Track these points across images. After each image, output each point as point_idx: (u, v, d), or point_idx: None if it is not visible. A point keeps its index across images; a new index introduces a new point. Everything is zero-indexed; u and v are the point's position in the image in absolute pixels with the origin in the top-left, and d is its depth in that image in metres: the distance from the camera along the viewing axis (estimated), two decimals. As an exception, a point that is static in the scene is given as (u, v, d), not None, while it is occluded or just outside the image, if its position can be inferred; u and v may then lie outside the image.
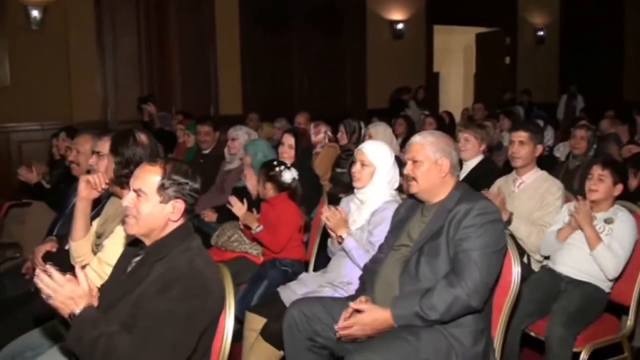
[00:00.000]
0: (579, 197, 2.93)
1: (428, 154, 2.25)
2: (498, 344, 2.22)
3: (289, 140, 4.07)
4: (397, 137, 5.57)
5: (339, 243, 2.76)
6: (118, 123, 7.42)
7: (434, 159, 2.24)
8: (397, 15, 9.96)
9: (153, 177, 1.81)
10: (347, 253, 2.71)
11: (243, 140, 4.47)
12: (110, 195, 2.54)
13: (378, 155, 2.75)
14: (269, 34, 8.77)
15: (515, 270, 2.20)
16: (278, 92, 8.88)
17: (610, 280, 2.79)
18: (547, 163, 3.91)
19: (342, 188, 4.20)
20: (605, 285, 2.80)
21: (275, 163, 3.33)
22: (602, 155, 4.37)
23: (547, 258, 3.07)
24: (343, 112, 7.92)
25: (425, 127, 6.08)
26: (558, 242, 2.92)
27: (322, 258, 3.24)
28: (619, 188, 2.88)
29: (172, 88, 8.12)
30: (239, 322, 2.75)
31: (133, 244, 1.98)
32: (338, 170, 4.62)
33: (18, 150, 7.15)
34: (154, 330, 1.63)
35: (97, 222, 2.52)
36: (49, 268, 1.67)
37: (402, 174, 2.92)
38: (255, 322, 2.76)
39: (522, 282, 2.25)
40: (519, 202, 3.20)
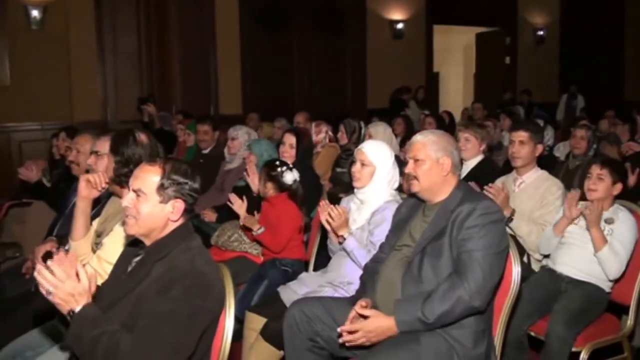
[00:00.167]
0: (577, 189, 2.93)
1: (429, 153, 2.24)
2: (498, 344, 2.22)
3: (290, 140, 4.07)
4: (395, 136, 5.56)
5: (340, 243, 2.76)
6: (118, 123, 7.43)
7: (436, 158, 2.23)
8: (397, 15, 9.96)
9: (152, 177, 1.81)
10: (348, 253, 2.71)
11: (243, 140, 4.47)
12: (111, 195, 2.55)
13: (378, 155, 2.74)
14: (269, 34, 8.78)
15: (516, 270, 2.20)
16: (278, 91, 8.88)
17: (611, 281, 2.79)
18: (547, 163, 3.91)
19: (342, 188, 4.20)
20: (606, 285, 2.80)
21: (278, 163, 3.31)
22: (601, 155, 4.37)
23: (546, 257, 3.07)
24: (343, 111, 7.91)
25: (425, 127, 6.07)
26: (555, 235, 2.92)
27: (322, 258, 3.24)
28: (618, 187, 2.88)
29: (172, 88, 8.12)
30: (239, 321, 2.75)
31: (133, 244, 1.98)
32: (338, 170, 4.61)
33: (18, 150, 7.16)
34: (155, 330, 1.63)
35: (97, 221, 2.52)
36: (51, 264, 1.67)
37: (401, 174, 2.93)
38: (255, 321, 2.76)
39: (522, 282, 2.25)
40: (520, 201, 3.20)
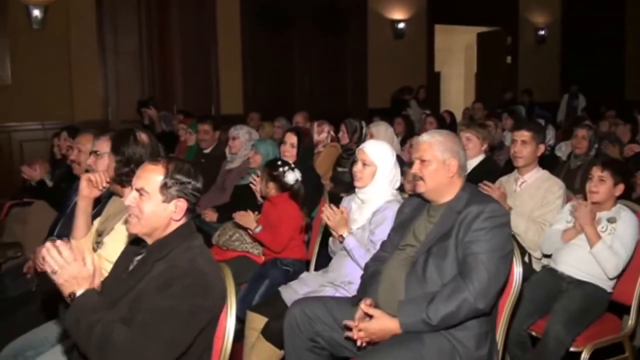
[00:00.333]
0: (579, 196, 2.93)
1: (436, 154, 2.22)
2: (500, 344, 2.21)
3: (292, 140, 4.06)
4: (396, 136, 5.55)
5: (340, 242, 2.76)
6: (119, 122, 7.43)
7: (442, 159, 2.21)
8: (398, 15, 9.95)
9: (155, 176, 1.81)
10: (348, 252, 2.72)
11: (244, 140, 4.47)
12: (112, 195, 2.55)
13: (379, 155, 2.74)
14: (270, 33, 8.77)
15: (517, 271, 2.20)
16: (279, 91, 8.87)
17: (612, 280, 2.78)
18: (548, 162, 3.91)
19: (343, 187, 4.18)
20: (607, 285, 2.79)
21: (280, 163, 3.31)
22: (602, 155, 4.37)
23: (547, 257, 3.07)
24: (344, 111, 7.91)
25: (426, 126, 6.07)
26: (563, 242, 2.91)
27: (323, 258, 3.24)
28: (620, 188, 2.87)
29: (173, 87, 8.12)
30: (240, 321, 2.76)
31: (135, 243, 1.98)
32: (339, 170, 4.59)
33: (19, 150, 7.16)
34: (152, 325, 1.63)
35: (98, 221, 2.52)
36: (60, 244, 1.67)
37: (402, 174, 2.93)
38: (257, 321, 2.76)
39: (523, 281, 2.24)
40: (521, 201, 3.20)
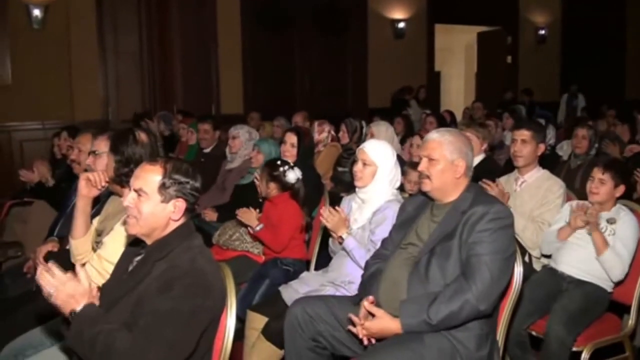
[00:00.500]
0: (586, 203, 2.92)
1: (445, 154, 2.20)
2: (500, 344, 2.21)
3: (292, 139, 4.06)
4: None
5: (340, 243, 2.76)
6: (119, 122, 7.43)
7: (451, 159, 2.19)
8: (398, 14, 9.95)
9: (154, 176, 1.81)
10: (347, 253, 2.71)
11: (244, 139, 4.47)
12: (111, 194, 2.54)
13: (380, 155, 2.74)
14: (271, 33, 8.77)
15: (518, 270, 2.19)
16: (279, 91, 8.87)
17: (614, 282, 2.78)
18: (549, 162, 3.91)
19: (343, 187, 4.19)
20: (607, 285, 2.79)
21: (279, 162, 3.31)
22: (603, 155, 4.37)
23: (547, 257, 3.06)
24: (344, 111, 7.90)
25: (427, 126, 6.07)
26: (559, 241, 2.92)
27: (323, 257, 3.23)
28: (621, 189, 2.86)
29: (173, 87, 8.12)
30: (241, 321, 2.75)
31: (134, 243, 1.98)
32: (339, 169, 4.60)
33: (19, 149, 7.17)
34: (155, 329, 1.63)
35: (97, 220, 2.52)
36: (52, 266, 1.68)
37: (402, 173, 2.92)
38: (257, 321, 2.76)
39: (523, 281, 2.23)
40: (521, 200, 3.19)
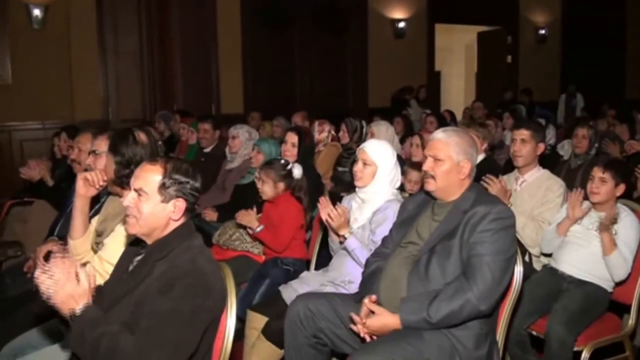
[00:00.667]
0: (580, 189, 2.92)
1: (451, 154, 2.19)
2: (500, 343, 2.21)
3: (293, 139, 4.06)
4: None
5: (341, 243, 2.76)
6: (120, 122, 7.43)
7: (457, 161, 2.19)
8: (398, 14, 9.95)
9: (154, 176, 1.81)
10: (349, 253, 2.71)
11: (243, 139, 4.46)
12: (110, 194, 2.53)
13: (380, 154, 2.74)
14: (271, 33, 8.77)
15: (518, 270, 2.20)
16: (279, 90, 8.87)
17: (616, 282, 2.78)
18: (550, 161, 3.90)
19: (343, 187, 4.19)
20: (608, 285, 2.79)
21: (283, 162, 3.32)
22: (603, 154, 4.36)
23: (547, 256, 3.07)
24: (344, 110, 7.91)
25: (427, 126, 6.08)
26: (559, 235, 2.91)
27: (323, 257, 3.23)
28: (622, 188, 2.86)
29: (173, 87, 8.12)
30: (241, 321, 2.75)
31: (134, 243, 1.98)
32: (339, 169, 4.60)
33: (20, 149, 7.17)
34: (157, 330, 1.63)
35: (96, 220, 2.51)
36: (50, 266, 1.67)
37: (403, 173, 2.92)
38: (257, 320, 2.76)
39: (523, 281, 2.24)
40: (521, 200, 3.19)
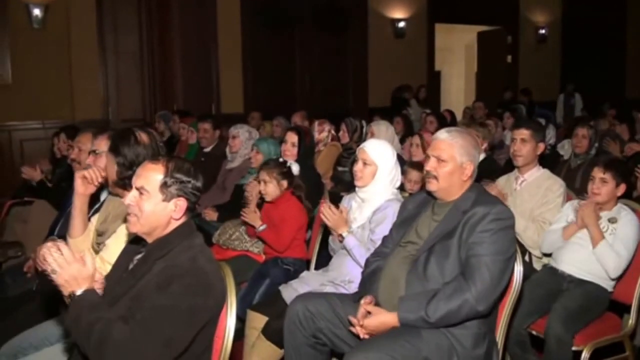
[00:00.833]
0: (585, 196, 2.92)
1: (455, 156, 2.20)
2: (500, 343, 2.21)
3: (292, 139, 4.06)
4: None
5: (340, 242, 2.76)
6: (120, 122, 7.43)
7: (460, 162, 2.19)
8: (398, 14, 9.95)
9: (155, 175, 1.81)
10: (348, 252, 2.72)
11: (244, 139, 4.47)
12: (110, 193, 2.53)
13: (380, 154, 2.74)
14: (271, 33, 8.76)
15: (518, 270, 2.20)
16: (279, 90, 8.86)
17: (613, 280, 2.78)
18: (550, 161, 3.91)
19: (343, 186, 4.19)
20: (608, 285, 2.79)
21: (281, 160, 3.33)
22: (603, 154, 4.36)
23: (548, 256, 3.07)
24: (344, 110, 7.91)
25: (427, 125, 6.08)
26: (563, 240, 2.91)
27: (323, 257, 3.24)
28: (622, 188, 2.86)
29: (173, 87, 8.11)
30: (241, 320, 2.76)
31: (134, 242, 1.98)
32: (339, 169, 4.60)
33: (20, 149, 7.16)
34: (152, 323, 1.64)
35: (97, 219, 2.51)
36: (61, 244, 1.68)
37: (402, 173, 2.92)
38: (257, 320, 2.77)
39: (523, 280, 2.24)
40: (521, 200, 3.20)
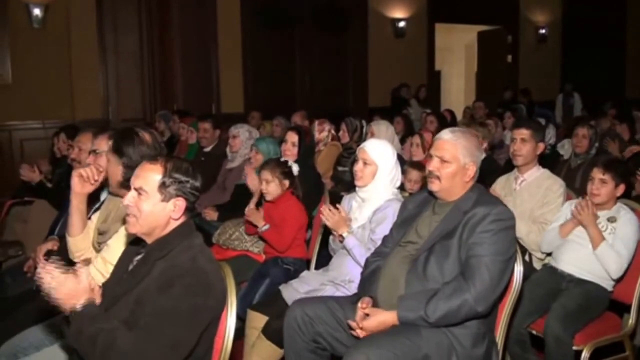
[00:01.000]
0: (585, 196, 2.92)
1: (458, 156, 2.19)
2: (500, 343, 2.21)
3: (293, 138, 4.06)
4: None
5: (340, 242, 2.76)
6: (120, 121, 7.43)
7: (463, 163, 2.19)
8: (398, 14, 9.95)
9: (154, 175, 1.81)
10: (348, 251, 2.72)
11: (244, 138, 4.46)
12: (110, 193, 2.53)
13: (380, 154, 2.74)
14: (271, 32, 8.76)
15: (518, 269, 2.20)
16: (279, 90, 8.87)
17: (613, 280, 2.78)
18: (550, 161, 3.90)
19: (343, 186, 4.19)
20: (608, 284, 2.79)
21: (282, 160, 3.33)
22: (603, 154, 4.36)
23: (549, 255, 3.07)
24: (345, 110, 7.91)
25: (427, 125, 6.08)
26: (560, 238, 2.91)
27: (323, 256, 3.24)
28: (622, 188, 2.86)
29: (173, 86, 8.12)
30: (241, 320, 2.76)
31: (135, 243, 1.98)
32: (340, 169, 4.60)
33: (20, 149, 7.17)
34: (156, 327, 1.64)
35: (97, 218, 2.50)
36: (51, 266, 1.67)
37: (403, 172, 2.92)
38: (257, 320, 2.77)
39: (523, 280, 2.24)
40: (521, 200, 3.19)
